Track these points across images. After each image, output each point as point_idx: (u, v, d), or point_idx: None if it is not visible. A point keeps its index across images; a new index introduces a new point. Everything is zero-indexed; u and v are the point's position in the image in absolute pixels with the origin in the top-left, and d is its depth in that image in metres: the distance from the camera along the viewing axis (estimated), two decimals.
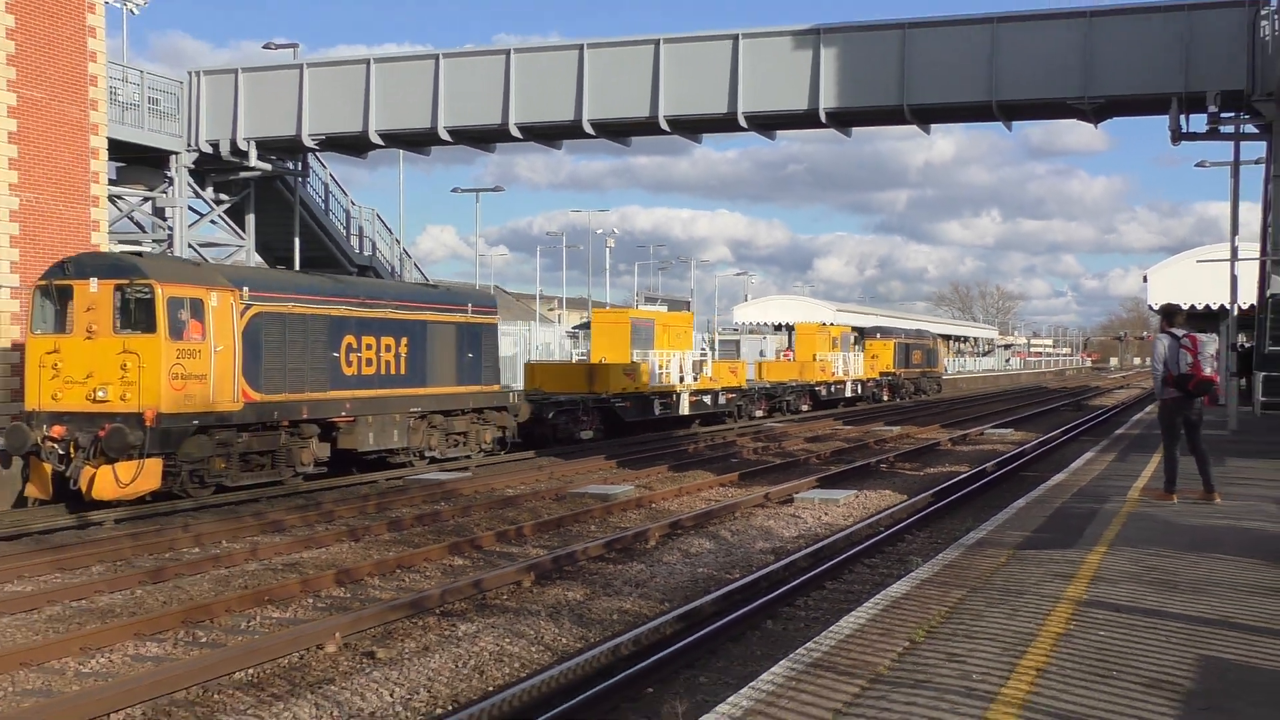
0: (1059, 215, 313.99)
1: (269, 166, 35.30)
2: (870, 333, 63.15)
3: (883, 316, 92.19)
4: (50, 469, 17.76)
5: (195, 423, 18.27)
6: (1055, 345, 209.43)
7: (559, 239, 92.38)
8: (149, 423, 17.41)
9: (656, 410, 34.55)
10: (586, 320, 41.40)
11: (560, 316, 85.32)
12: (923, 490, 21.01)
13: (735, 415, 40.74)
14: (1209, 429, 19.85)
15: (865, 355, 57.15)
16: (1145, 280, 53.69)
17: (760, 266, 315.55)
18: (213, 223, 36.54)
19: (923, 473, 25.02)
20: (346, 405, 21.52)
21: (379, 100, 32.79)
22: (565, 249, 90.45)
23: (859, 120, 31.62)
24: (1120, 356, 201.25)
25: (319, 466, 21.23)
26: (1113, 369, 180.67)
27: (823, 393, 50.09)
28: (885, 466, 25.95)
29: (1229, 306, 30.85)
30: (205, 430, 18.55)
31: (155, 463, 17.64)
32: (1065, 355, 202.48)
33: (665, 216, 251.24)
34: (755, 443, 32.00)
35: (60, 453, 17.57)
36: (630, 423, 33.18)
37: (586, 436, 30.92)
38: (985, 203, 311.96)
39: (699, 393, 37.33)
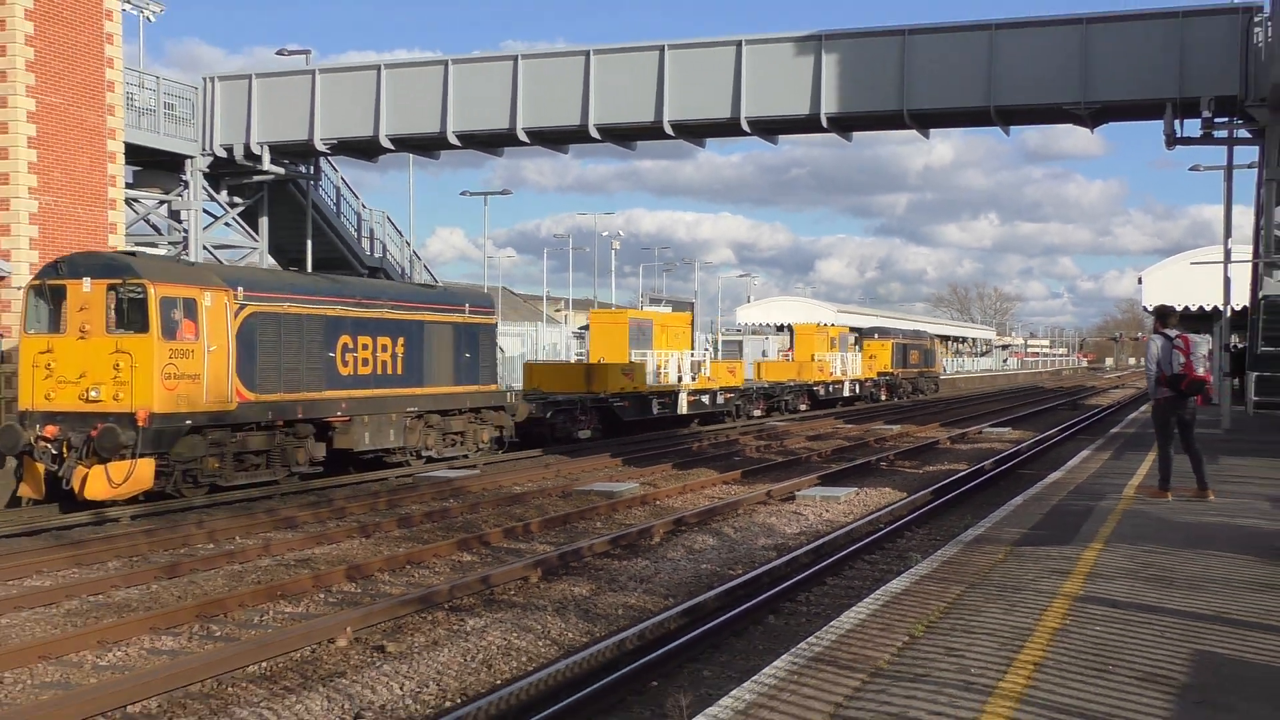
0: (1055, 218, 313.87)
1: (282, 170, 35.32)
2: (868, 333, 63.04)
3: (883, 317, 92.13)
4: (43, 469, 17.41)
5: (188, 423, 17.97)
6: (1052, 346, 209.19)
7: (565, 241, 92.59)
8: (141, 423, 17.09)
9: (655, 410, 34.32)
10: None
11: (567, 317, 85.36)
12: (922, 488, 21.00)
13: (734, 415, 40.54)
14: (1203, 428, 19.83)
15: (863, 355, 57.02)
16: (1140, 282, 53.64)
17: (763, 268, 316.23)
18: (227, 225, 36.55)
19: (922, 470, 25.01)
20: (342, 405, 21.21)
21: (389, 105, 32.79)
22: (572, 251, 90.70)
23: (860, 125, 31.57)
24: (1115, 357, 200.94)
25: (314, 466, 20.92)
26: (1108, 369, 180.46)
27: (821, 392, 49.90)
28: (885, 464, 25.92)
29: (1222, 308, 30.82)
30: (199, 430, 18.25)
31: (148, 463, 17.34)
32: (1061, 356, 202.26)
33: (670, 219, 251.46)
34: (757, 441, 31.99)
35: (53, 453, 17.23)
36: (628, 422, 32.96)
37: (584, 436, 30.74)
38: (983, 206, 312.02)
39: (697, 392, 37.11)
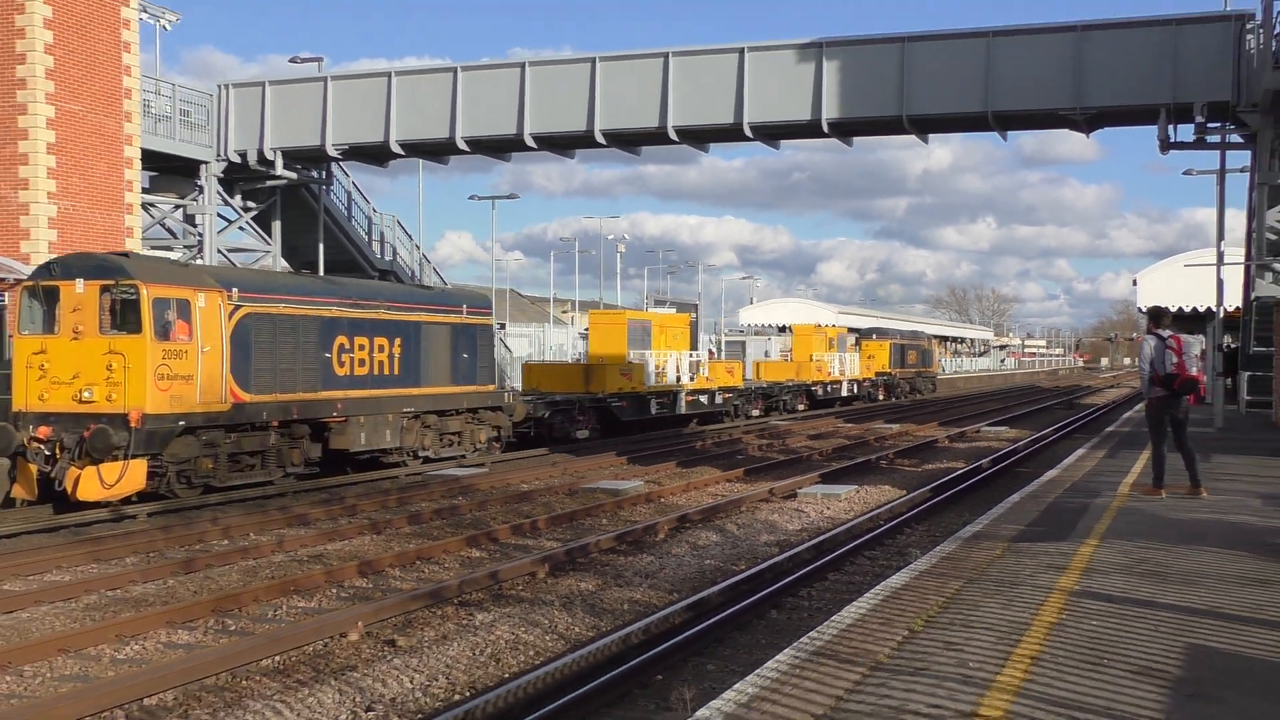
0: (1052, 221, 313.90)
1: (294, 175, 35.39)
2: (866, 334, 62.94)
3: (883, 319, 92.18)
4: (36, 470, 16.99)
5: (181, 423, 17.55)
6: (1048, 346, 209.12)
7: (572, 244, 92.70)
8: (134, 424, 16.72)
9: (653, 410, 34.00)
10: None
11: (573, 319, 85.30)
12: (921, 485, 20.96)
13: (732, 415, 40.20)
14: (1196, 426, 19.81)
15: (861, 356, 56.72)
16: (1135, 284, 53.61)
17: (765, 271, 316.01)
18: (241, 229, 36.63)
19: (921, 468, 24.97)
20: (338, 405, 20.83)
21: (399, 111, 32.84)
22: (578, 254, 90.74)
23: (860, 130, 31.57)
24: (1111, 357, 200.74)
25: (310, 467, 20.56)
26: (1103, 369, 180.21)
27: (819, 392, 49.59)
28: (885, 463, 25.89)
29: (1215, 309, 30.77)
30: (192, 431, 17.85)
31: (140, 464, 16.95)
32: (1058, 356, 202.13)
33: (674, 223, 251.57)
34: (760, 440, 31.95)
35: (46, 453, 16.84)
36: (626, 422, 32.60)
37: (582, 436, 30.41)
38: (981, 209, 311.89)
39: (695, 392, 36.78)
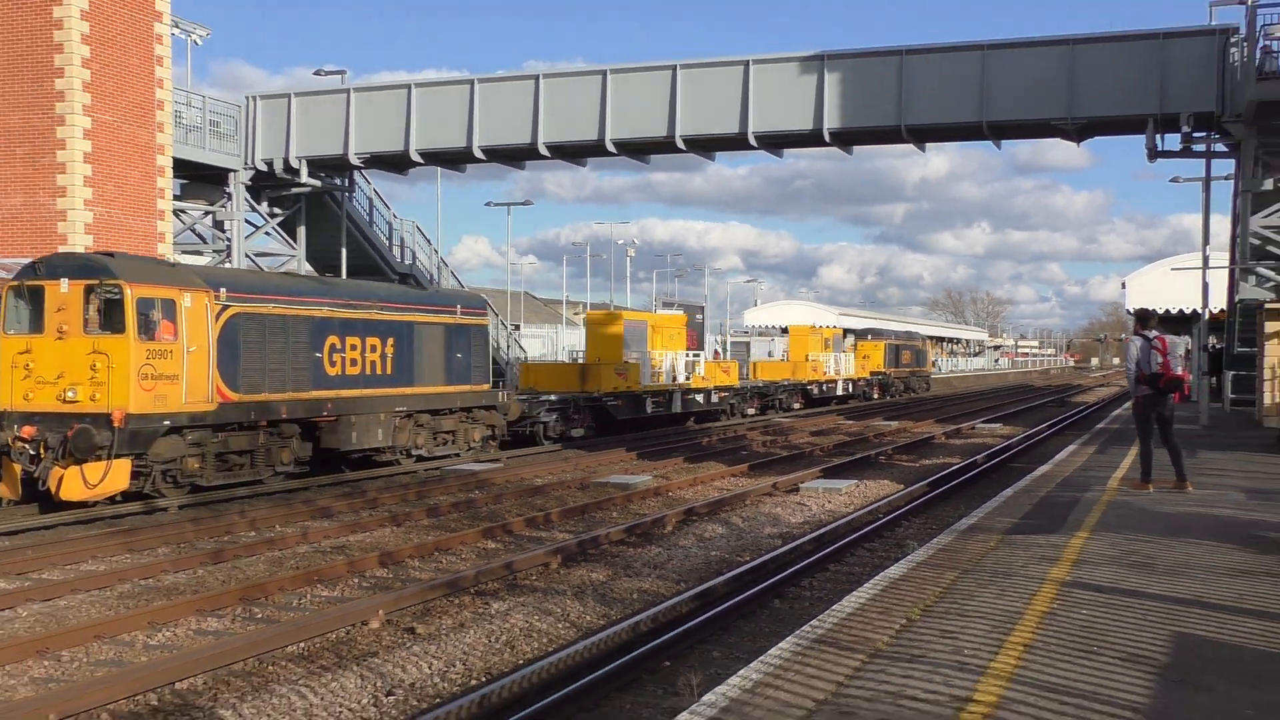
0: (1044, 227, 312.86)
1: (318, 183, 35.42)
2: (862, 334, 62.82)
3: (882, 320, 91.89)
4: (20, 470, 16.40)
5: (166, 423, 16.95)
6: (1041, 346, 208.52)
7: (584, 249, 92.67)
8: (117, 423, 16.14)
9: (649, 409, 33.55)
10: None
11: (585, 320, 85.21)
12: (919, 480, 20.93)
13: (729, 413, 39.68)
14: (1182, 424, 19.77)
15: (857, 355, 56.37)
16: (1124, 286, 53.41)
17: (769, 274, 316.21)
18: (267, 235, 36.66)
19: (918, 464, 24.94)
20: (328, 405, 20.22)
21: (419, 122, 32.85)
22: (589, 258, 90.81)
23: (860, 139, 31.50)
24: (1101, 357, 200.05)
25: (300, 466, 19.99)
26: (1094, 368, 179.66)
27: (815, 391, 49.06)
28: (884, 458, 25.86)
29: (1201, 311, 30.70)
30: (177, 430, 17.26)
31: (123, 463, 16.41)
32: (1050, 356, 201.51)
33: (681, 228, 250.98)
34: (763, 436, 31.94)
35: (31, 453, 16.24)
36: (622, 421, 32.13)
37: (577, 434, 29.91)
38: (976, 215, 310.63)
39: (691, 391, 36.35)
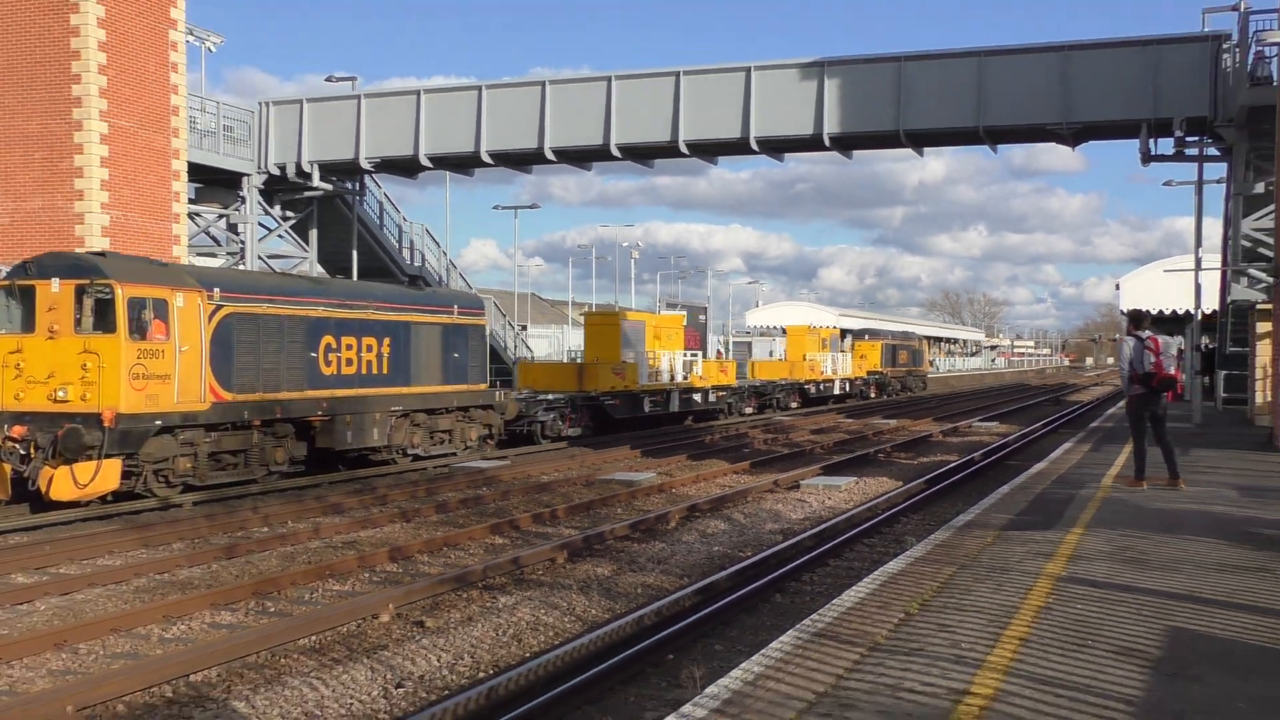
0: (1039, 229, 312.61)
1: (330, 186, 35.50)
2: (859, 334, 62.74)
3: (880, 321, 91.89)
4: (10, 469, 16.00)
5: (158, 423, 16.61)
6: (1036, 346, 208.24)
7: (589, 251, 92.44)
8: (107, 423, 15.80)
9: (646, 408, 33.23)
10: None
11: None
12: (916, 477, 20.90)
13: (726, 412, 39.34)
14: (1175, 422, 19.73)
15: (854, 355, 56.13)
16: (1118, 288, 53.39)
17: (770, 275, 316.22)
18: (280, 237, 36.74)
19: (917, 461, 24.90)
20: (323, 405, 19.85)
21: (428, 127, 32.91)
22: (595, 260, 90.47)
23: (859, 144, 31.53)
24: (1095, 356, 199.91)
25: (295, 465, 19.67)
26: (1088, 368, 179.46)
27: (812, 390, 48.66)
28: (883, 456, 25.81)
29: (1193, 311, 30.65)
30: (169, 430, 16.91)
31: (114, 463, 16.02)
32: (1045, 355, 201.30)
33: (685, 231, 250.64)
34: (765, 434, 31.91)
35: (21, 453, 15.86)
36: (619, 420, 31.82)
37: (573, 434, 29.61)
38: (973, 218, 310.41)
39: (689, 390, 36.03)
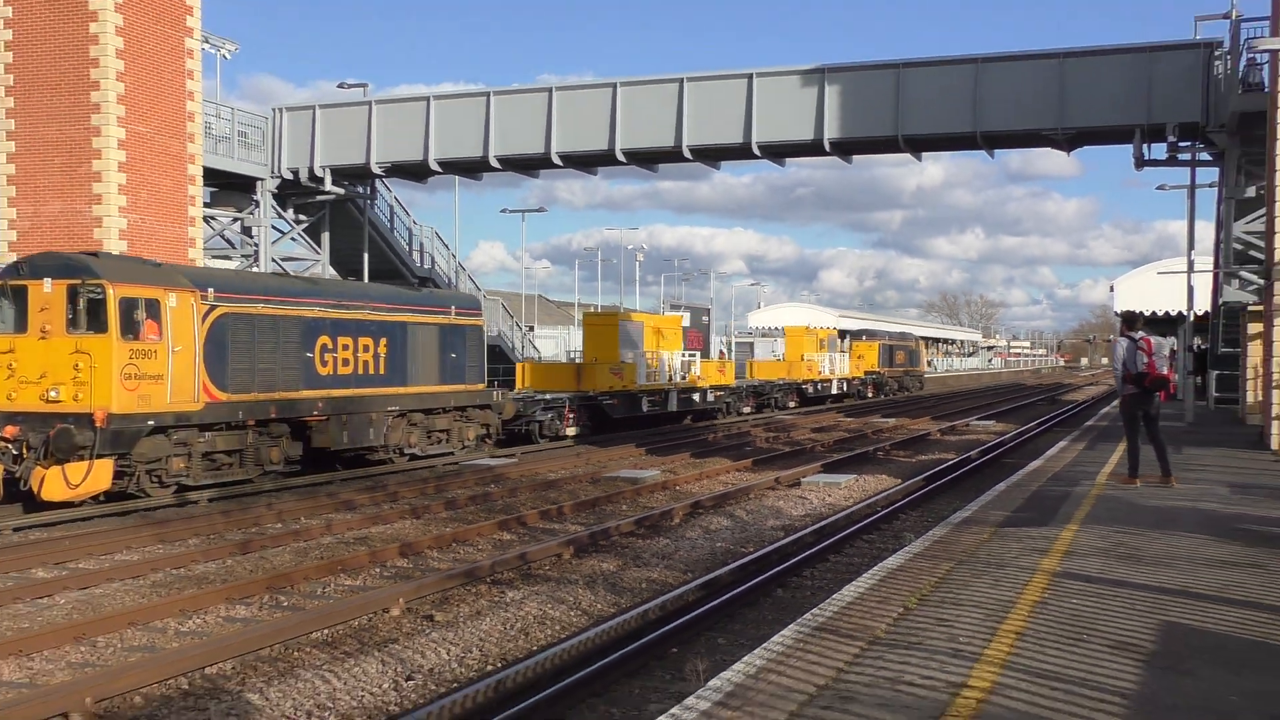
0: (1035, 232, 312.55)
1: (342, 190, 35.52)
2: (857, 335, 62.67)
3: (879, 322, 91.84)
4: (3, 469, 15.69)
5: (150, 423, 16.31)
6: (1032, 347, 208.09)
7: (595, 254, 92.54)
8: (99, 423, 15.52)
9: (644, 407, 33.01)
10: None
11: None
12: (915, 475, 20.89)
13: (724, 412, 39.10)
14: (1168, 421, 19.70)
15: (851, 355, 55.94)
16: (1112, 290, 53.38)
17: (771, 278, 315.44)
18: (293, 240, 36.76)
19: (915, 459, 24.88)
20: (319, 405, 19.58)
21: (437, 132, 32.92)
22: (600, 262, 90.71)
23: (859, 149, 31.48)
24: (1090, 357, 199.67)
25: (291, 465, 19.37)
26: (1083, 368, 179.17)
27: (809, 390, 48.39)
28: (882, 454, 25.80)
29: (1186, 313, 30.62)
30: (162, 430, 16.63)
31: (106, 463, 15.79)
32: (1041, 356, 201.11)
33: (688, 234, 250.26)
34: (766, 432, 31.91)
35: (14, 453, 15.59)
36: (618, 419, 31.63)
37: (572, 433, 29.35)
38: (970, 221, 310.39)
39: (687, 390, 35.83)
